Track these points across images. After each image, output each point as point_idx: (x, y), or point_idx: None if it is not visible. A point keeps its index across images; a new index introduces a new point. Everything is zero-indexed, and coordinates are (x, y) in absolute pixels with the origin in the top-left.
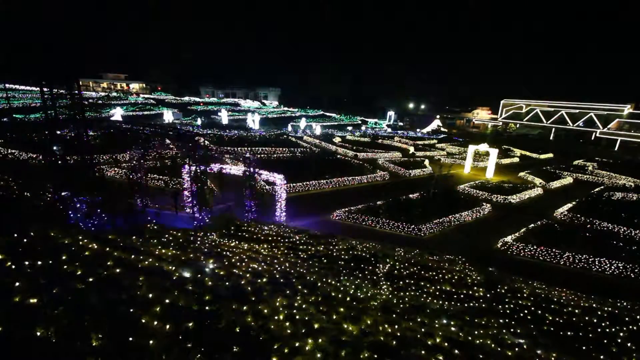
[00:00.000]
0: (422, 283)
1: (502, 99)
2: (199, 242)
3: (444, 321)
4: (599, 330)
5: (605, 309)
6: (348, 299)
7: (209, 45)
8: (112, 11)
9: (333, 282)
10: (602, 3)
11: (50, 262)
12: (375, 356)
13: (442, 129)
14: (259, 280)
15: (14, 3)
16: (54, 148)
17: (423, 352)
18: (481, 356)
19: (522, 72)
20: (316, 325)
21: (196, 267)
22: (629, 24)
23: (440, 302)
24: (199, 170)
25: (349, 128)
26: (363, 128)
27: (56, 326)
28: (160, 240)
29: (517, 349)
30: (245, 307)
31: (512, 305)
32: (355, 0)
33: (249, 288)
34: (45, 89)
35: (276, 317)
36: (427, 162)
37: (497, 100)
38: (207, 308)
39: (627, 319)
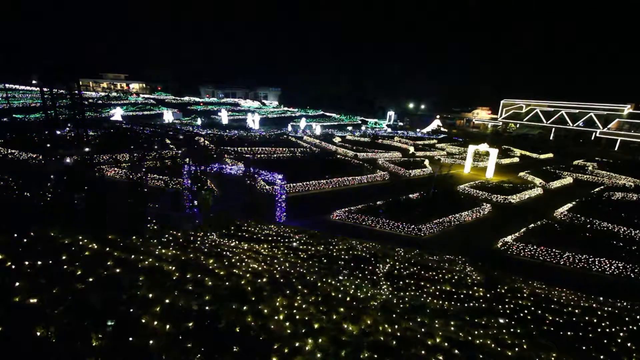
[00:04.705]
0: (422, 283)
1: (502, 99)
2: (198, 242)
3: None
4: (599, 330)
5: (605, 309)
6: (348, 299)
7: (209, 45)
8: (112, 11)
9: (333, 282)
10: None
11: (50, 262)
12: (375, 356)
13: (442, 129)
14: (259, 280)
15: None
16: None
17: (423, 352)
18: (481, 356)
19: (522, 72)
20: (316, 325)
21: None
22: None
23: (440, 302)
24: (199, 171)
25: (349, 128)
26: (363, 128)
27: (56, 326)
28: (160, 240)
29: (517, 349)
30: (245, 307)
31: (512, 305)
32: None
33: (249, 288)
34: (45, 89)
35: (276, 317)
36: (427, 162)
37: (497, 100)
38: (207, 308)
39: (627, 319)
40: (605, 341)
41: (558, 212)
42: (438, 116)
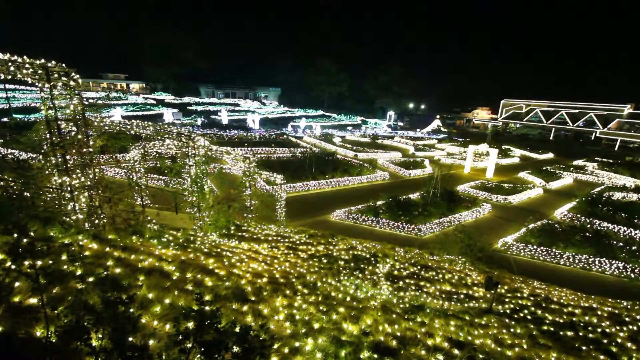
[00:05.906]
0: (422, 283)
1: (502, 99)
2: (199, 242)
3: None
4: (599, 330)
5: (605, 308)
6: (348, 299)
7: (209, 45)
8: (112, 11)
9: (333, 282)
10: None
11: (50, 262)
12: (375, 356)
13: (442, 129)
14: (259, 280)
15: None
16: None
17: (423, 352)
18: (481, 356)
19: (522, 72)
20: (316, 325)
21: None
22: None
23: (440, 302)
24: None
25: (349, 128)
26: (363, 128)
27: (56, 326)
28: (160, 240)
29: (517, 349)
30: (245, 307)
31: (512, 305)
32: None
33: (249, 288)
34: (45, 89)
35: (276, 317)
36: (427, 162)
37: (497, 100)
38: (207, 308)
39: (627, 319)
40: (605, 341)
41: (558, 212)
42: (438, 116)
